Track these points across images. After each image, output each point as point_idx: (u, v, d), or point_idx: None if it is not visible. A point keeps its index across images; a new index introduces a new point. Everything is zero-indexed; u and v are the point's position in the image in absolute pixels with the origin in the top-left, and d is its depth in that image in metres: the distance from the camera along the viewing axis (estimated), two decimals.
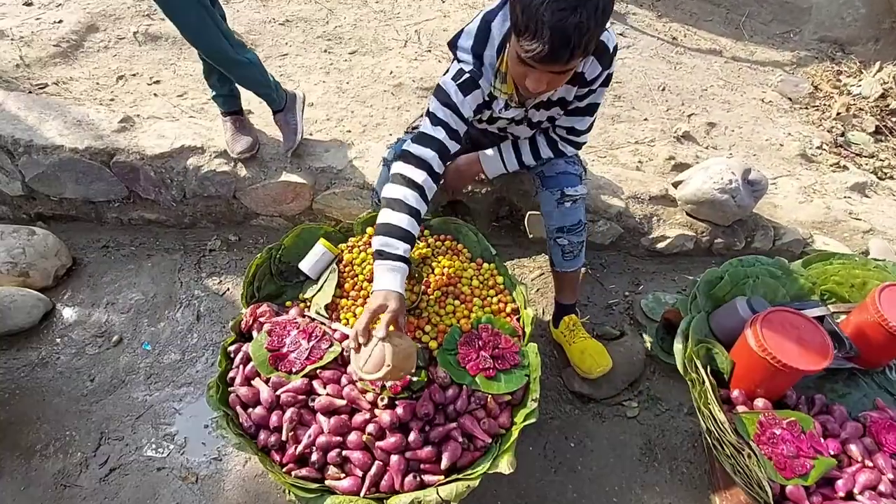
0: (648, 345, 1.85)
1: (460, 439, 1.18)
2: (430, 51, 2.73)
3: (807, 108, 2.85)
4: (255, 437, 1.23)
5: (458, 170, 1.64)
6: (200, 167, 2.03)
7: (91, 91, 2.47)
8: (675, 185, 2.16)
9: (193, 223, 2.21)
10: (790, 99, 2.86)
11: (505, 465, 1.13)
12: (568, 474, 1.62)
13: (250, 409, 1.25)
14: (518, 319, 1.39)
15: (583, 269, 1.83)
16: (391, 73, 2.59)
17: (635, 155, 2.39)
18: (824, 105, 2.85)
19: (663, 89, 2.79)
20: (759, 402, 1.24)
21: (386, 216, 1.27)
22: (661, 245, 2.09)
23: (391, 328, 1.15)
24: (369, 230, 1.54)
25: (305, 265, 1.48)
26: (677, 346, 1.28)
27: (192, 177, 2.05)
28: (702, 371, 1.22)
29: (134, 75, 2.57)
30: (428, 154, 1.30)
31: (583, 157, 1.73)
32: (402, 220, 1.25)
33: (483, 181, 2.04)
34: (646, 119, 2.63)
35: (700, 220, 2.10)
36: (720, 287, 1.41)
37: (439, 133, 1.31)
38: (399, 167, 1.31)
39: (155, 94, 2.46)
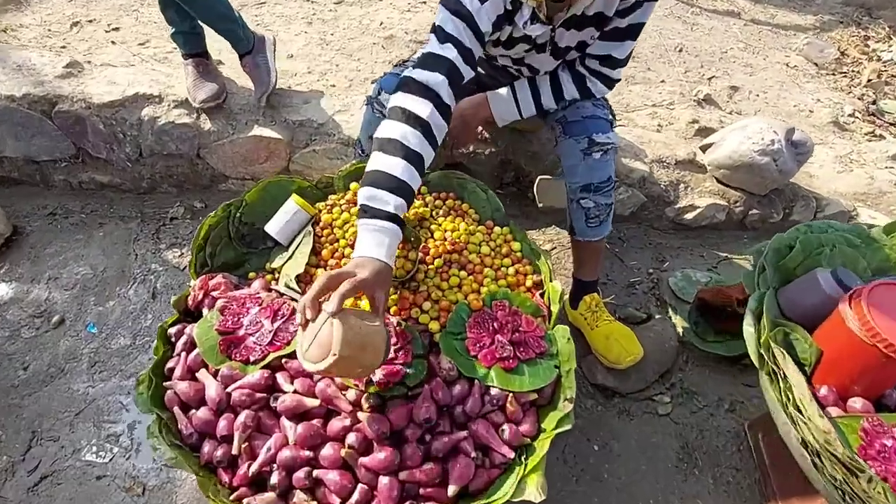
0: (680, 330, 1.53)
1: (472, 453, 0.84)
2: (424, 2, 2.36)
3: (834, 73, 2.52)
4: (198, 449, 0.88)
5: (462, 116, 1.28)
6: (157, 119, 1.66)
7: (41, 38, 2.07)
8: (704, 149, 1.82)
9: (153, 187, 1.84)
10: (816, 64, 2.53)
11: (534, 491, 0.80)
12: (592, 484, 1.29)
13: (192, 412, 0.90)
14: (542, 295, 1.05)
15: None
16: (381, 24, 2.21)
17: (654, 118, 2.05)
18: (853, 71, 2.53)
19: (680, 50, 2.44)
20: (857, 403, 0.92)
21: (376, 161, 0.92)
22: (688, 216, 1.76)
23: (356, 305, 0.81)
24: (353, 186, 1.19)
25: (273, 227, 1.13)
26: (748, 330, 0.96)
27: (148, 130, 1.67)
28: (787, 362, 0.89)
29: (90, 21, 2.16)
30: (435, 79, 0.95)
31: None
32: (396, 167, 0.90)
33: (486, 139, 1.69)
34: (663, 81, 2.29)
35: (733, 188, 1.77)
36: (791, 258, 1.09)
37: (449, 52, 0.96)
38: (398, 99, 0.95)
39: (112, 42, 2.06)
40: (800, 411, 0.88)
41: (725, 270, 1.73)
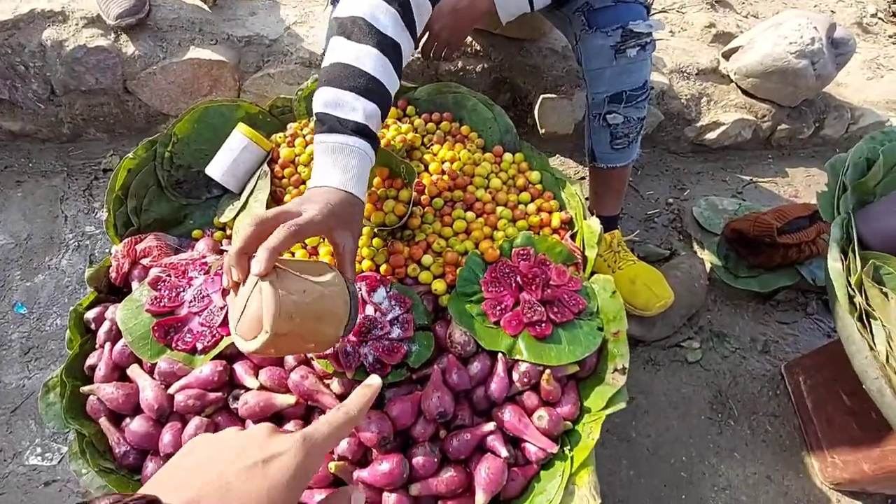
0: (709, 266, 1.34)
1: (504, 452, 0.63)
2: None
3: None
4: (138, 471, 0.66)
5: (454, 10, 0.97)
6: (64, 43, 1.29)
7: None
8: (728, 55, 1.56)
9: (77, 134, 1.50)
10: None
11: (587, 494, 0.60)
12: (619, 445, 1.13)
13: (126, 422, 0.67)
14: (573, 237, 0.82)
15: None
16: None
17: (665, 25, 1.76)
18: None
19: None
20: None
21: (336, 50, 0.64)
22: (711, 135, 1.52)
23: (295, 258, 0.57)
24: None
25: (217, 169, 0.85)
26: (835, 266, 0.75)
27: (55, 59, 1.31)
28: (894, 304, 0.69)
29: None
30: None
31: None
32: (366, 57, 0.63)
33: (477, 52, 1.39)
34: None
35: (760, 99, 1.52)
36: (871, 174, 0.87)
37: None
38: None
39: None
40: None
41: (752, 195, 1.53)
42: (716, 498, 1.07)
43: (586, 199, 1.26)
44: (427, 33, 1.00)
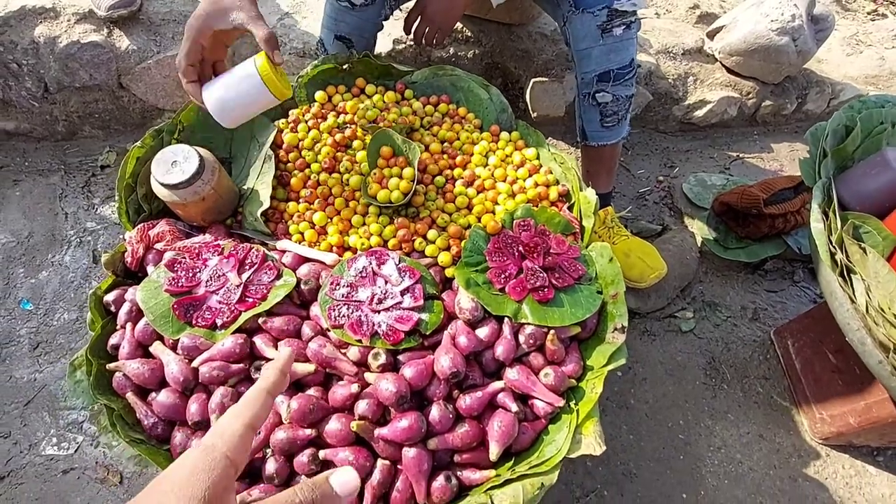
0: (699, 239, 1.39)
1: (513, 407, 0.68)
2: None
3: None
4: (167, 441, 0.69)
5: None
6: (57, 39, 1.31)
7: None
8: (712, 35, 1.60)
9: (72, 131, 1.51)
10: None
11: (592, 442, 0.65)
12: (619, 412, 1.19)
13: (152, 396, 0.70)
14: (570, 208, 0.86)
15: None
16: None
17: (649, 5, 1.80)
18: None
19: None
20: None
21: None
22: (699, 113, 1.57)
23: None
24: (320, 95, 0.93)
25: (213, 95, 0.74)
26: (817, 227, 0.80)
27: (48, 56, 1.33)
28: (874, 260, 0.74)
29: None
30: None
31: None
32: None
33: (468, 38, 1.42)
34: None
35: (745, 77, 1.58)
36: (850, 140, 0.92)
37: None
38: None
39: None
40: (883, 312, 0.74)
41: (739, 171, 1.58)
42: (712, 457, 1.13)
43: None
44: (420, 17, 1.04)
